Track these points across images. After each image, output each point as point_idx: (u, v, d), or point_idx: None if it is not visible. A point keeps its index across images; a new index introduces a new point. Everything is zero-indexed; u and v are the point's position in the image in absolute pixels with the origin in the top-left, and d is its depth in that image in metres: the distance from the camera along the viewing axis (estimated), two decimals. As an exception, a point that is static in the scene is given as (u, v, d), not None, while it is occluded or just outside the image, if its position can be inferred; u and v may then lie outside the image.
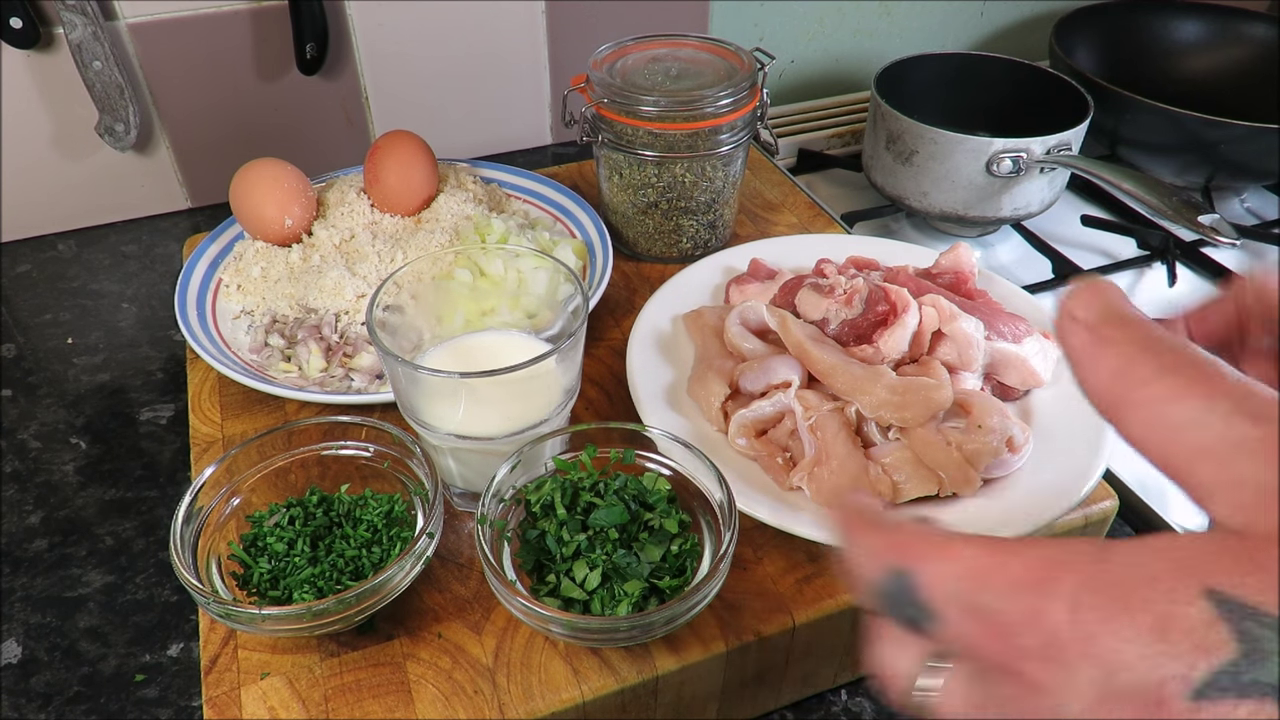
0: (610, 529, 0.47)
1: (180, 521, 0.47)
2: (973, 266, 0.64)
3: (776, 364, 0.56)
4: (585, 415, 0.62)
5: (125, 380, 0.75)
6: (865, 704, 0.55)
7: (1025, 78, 0.94)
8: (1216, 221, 0.73)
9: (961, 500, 0.52)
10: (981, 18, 1.19)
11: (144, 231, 0.92)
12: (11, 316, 0.82)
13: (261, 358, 0.67)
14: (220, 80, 0.89)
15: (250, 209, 0.72)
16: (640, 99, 0.68)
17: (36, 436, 0.70)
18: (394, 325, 0.54)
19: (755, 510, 0.50)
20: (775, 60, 0.76)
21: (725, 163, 0.73)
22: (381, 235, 0.74)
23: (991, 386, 0.59)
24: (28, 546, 0.62)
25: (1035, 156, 0.82)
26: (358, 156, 0.89)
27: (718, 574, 0.44)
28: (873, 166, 0.91)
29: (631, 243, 0.78)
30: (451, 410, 0.51)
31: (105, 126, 0.85)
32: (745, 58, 0.73)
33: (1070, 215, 0.96)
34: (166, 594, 0.59)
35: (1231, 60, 1.08)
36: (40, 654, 0.56)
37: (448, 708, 0.46)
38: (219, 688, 0.47)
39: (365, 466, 0.54)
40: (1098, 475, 0.52)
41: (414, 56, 0.94)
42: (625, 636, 0.44)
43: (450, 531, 0.55)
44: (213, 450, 0.60)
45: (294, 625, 0.44)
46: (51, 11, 0.80)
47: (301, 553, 0.49)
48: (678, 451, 0.50)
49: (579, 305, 0.54)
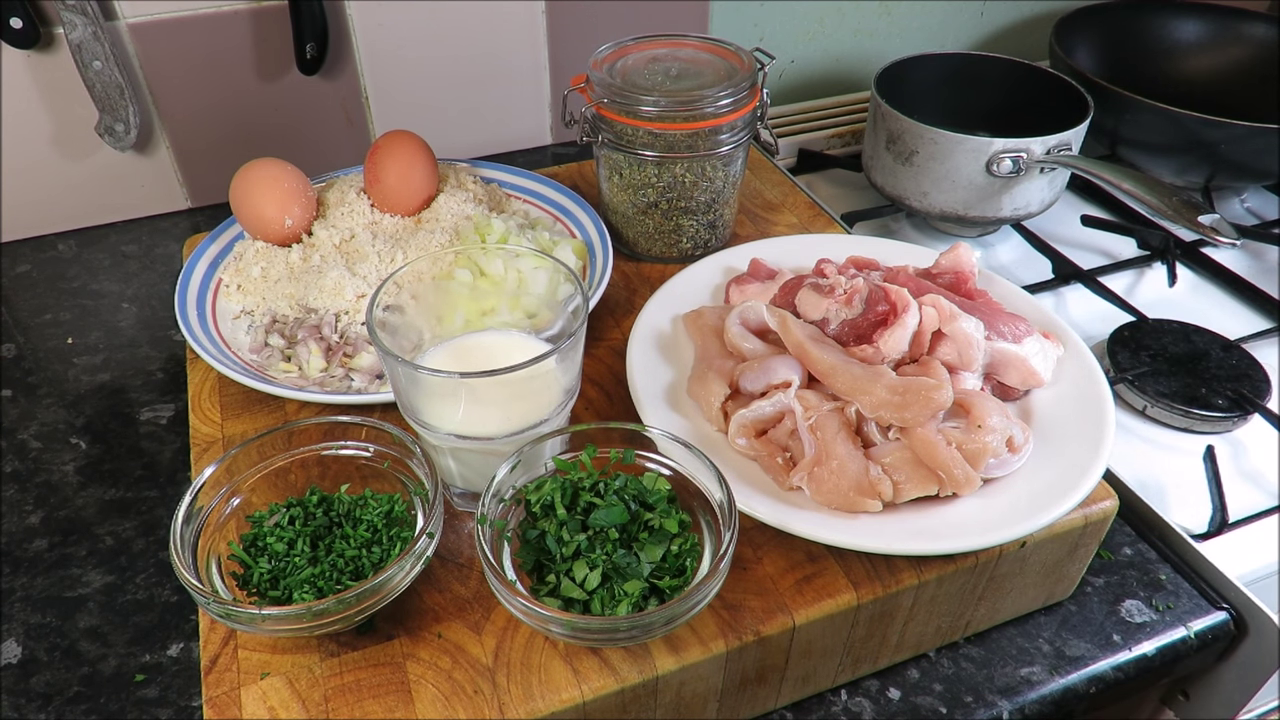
0: (610, 529, 0.47)
1: (180, 521, 0.47)
2: (973, 266, 0.64)
3: (776, 364, 0.56)
4: (585, 415, 0.62)
5: (125, 380, 0.75)
6: (865, 704, 0.55)
7: (1025, 78, 0.94)
8: (1216, 221, 0.73)
9: (961, 500, 0.52)
10: (981, 18, 1.19)
11: (144, 231, 0.92)
12: (11, 316, 0.82)
13: (261, 358, 0.67)
14: (220, 80, 0.89)
15: (250, 209, 0.72)
16: (640, 99, 0.68)
17: (36, 436, 0.70)
18: (394, 325, 0.54)
19: (755, 510, 0.50)
20: (775, 60, 0.76)
21: (725, 163, 0.73)
22: (381, 235, 0.74)
23: (991, 386, 0.59)
24: (28, 546, 0.62)
25: (1035, 156, 0.82)
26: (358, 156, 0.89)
27: (718, 574, 0.44)
28: (873, 166, 0.91)
29: (631, 243, 0.78)
30: (451, 410, 0.51)
31: (105, 126, 0.85)
32: (745, 58, 0.73)
33: (1070, 215, 0.96)
34: (166, 594, 0.59)
35: (1231, 60, 1.08)
36: (40, 654, 0.56)
37: (448, 708, 0.46)
38: (219, 688, 0.47)
39: (365, 466, 0.54)
40: (1098, 475, 0.52)
41: (414, 56, 0.94)
42: (625, 636, 0.44)
43: (450, 531, 0.55)
44: (213, 450, 0.60)
45: (294, 625, 0.44)
46: (51, 11, 0.80)
47: (301, 553, 0.49)
48: (678, 451, 0.50)
49: (579, 305, 0.54)
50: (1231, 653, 0.62)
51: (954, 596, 0.54)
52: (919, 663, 0.57)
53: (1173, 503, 0.67)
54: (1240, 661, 0.61)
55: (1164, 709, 0.70)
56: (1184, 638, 0.59)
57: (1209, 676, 0.64)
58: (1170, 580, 0.61)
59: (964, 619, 0.56)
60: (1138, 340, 0.78)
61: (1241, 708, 0.64)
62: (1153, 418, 0.74)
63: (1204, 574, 0.62)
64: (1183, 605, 0.60)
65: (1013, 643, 0.58)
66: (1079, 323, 0.84)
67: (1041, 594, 0.58)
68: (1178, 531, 0.63)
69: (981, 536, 0.50)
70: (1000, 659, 0.57)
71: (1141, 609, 0.60)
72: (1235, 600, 0.60)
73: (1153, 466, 0.70)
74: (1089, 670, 0.57)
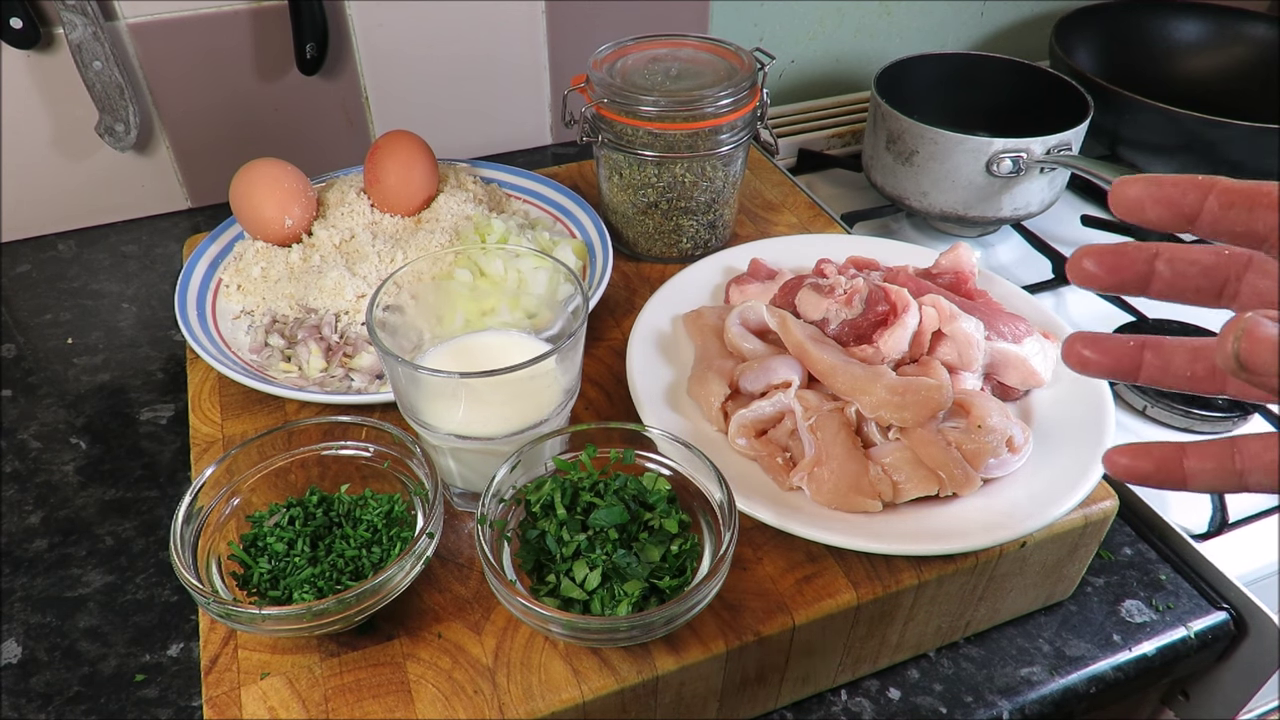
0: (610, 529, 0.47)
1: (180, 521, 0.47)
2: (973, 266, 0.64)
3: (776, 364, 0.56)
4: (585, 415, 0.62)
5: (125, 380, 0.75)
6: (865, 704, 0.55)
7: (1025, 78, 0.94)
8: (1216, 221, 0.72)
9: (961, 500, 0.52)
10: (981, 18, 1.19)
11: (144, 231, 0.92)
12: (11, 316, 0.82)
13: (261, 358, 0.67)
14: (220, 80, 0.89)
15: (250, 209, 0.72)
16: (640, 99, 0.68)
17: (36, 436, 0.70)
18: (394, 325, 0.54)
19: (755, 510, 0.50)
20: (775, 60, 0.76)
21: (725, 163, 0.73)
22: (381, 235, 0.74)
23: (991, 386, 0.59)
24: (28, 546, 0.62)
25: (1035, 156, 0.82)
26: (358, 156, 0.89)
27: (718, 574, 0.44)
28: (873, 166, 0.91)
29: (631, 243, 0.78)
30: (451, 410, 0.51)
31: (105, 126, 0.85)
32: (745, 58, 0.73)
33: (1070, 215, 0.96)
34: (166, 594, 0.59)
35: (1231, 60, 1.08)
36: (40, 654, 0.56)
37: (448, 708, 0.46)
38: (219, 688, 0.47)
39: (365, 466, 0.54)
40: (1098, 475, 0.52)
41: (414, 56, 0.94)
42: (625, 636, 0.44)
43: (450, 531, 0.55)
44: (213, 450, 0.60)
45: (294, 625, 0.44)
46: (51, 11, 0.80)
47: (301, 553, 0.49)
48: (678, 451, 0.50)
49: (579, 305, 0.54)
50: (1231, 653, 0.62)
51: (954, 596, 0.54)
52: (919, 663, 0.57)
53: (1173, 503, 0.67)
54: (1240, 661, 0.61)
55: (1164, 709, 0.70)
56: (1184, 638, 0.59)
57: (1209, 676, 0.64)
58: (1170, 580, 0.61)
59: (964, 619, 0.56)
60: (1138, 340, 0.78)
61: (1241, 708, 0.64)
62: (1153, 418, 0.74)
63: (1204, 574, 0.62)
64: (1183, 605, 0.60)
65: (1013, 643, 0.58)
66: (1079, 323, 0.84)
67: (1041, 594, 0.58)
68: (1178, 531, 0.63)
69: (981, 536, 0.50)
70: (1000, 659, 0.57)
71: (1141, 609, 0.60)
72: (1235, 600, 0.60)
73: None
74: (1089, 670, 0.57)
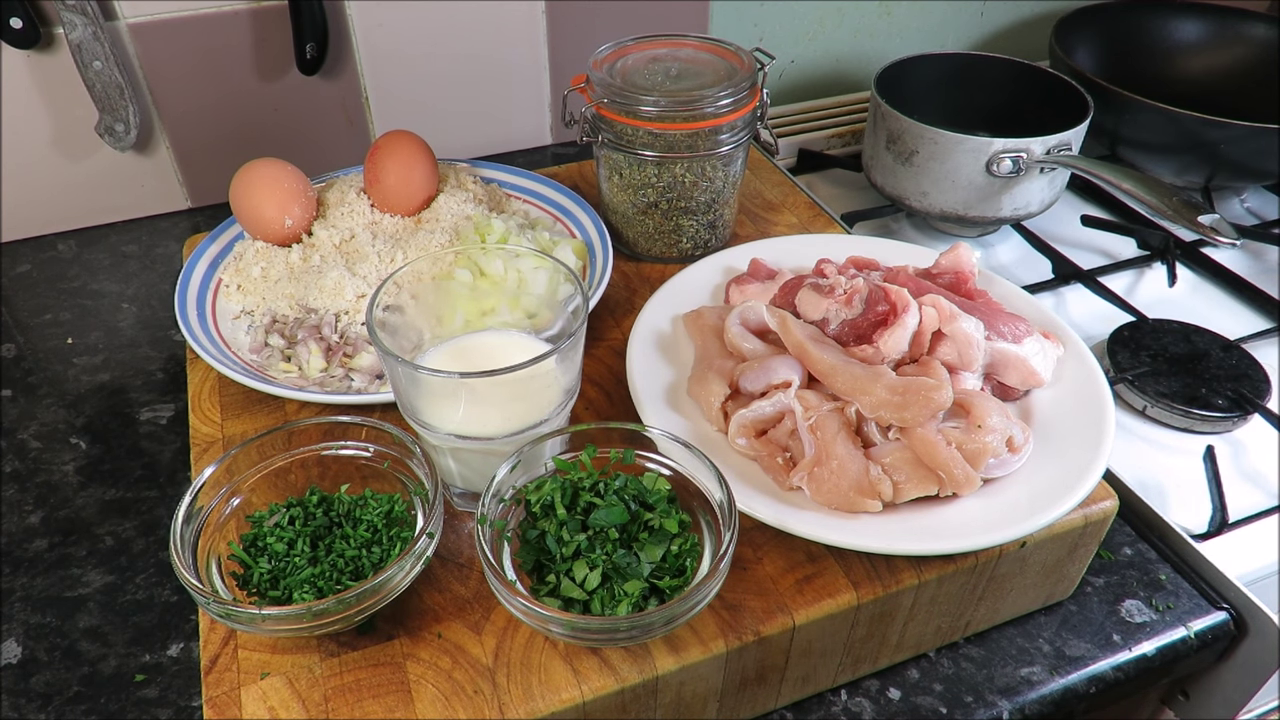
0: (610, 529, 0.47)
1: (180, 521, 0.47)
2: (973, 266, 0.64)
3: (776, 364, 0.56)
4: (585, 415, 0.62)
5: (125, 380, 0.75)
6: (865, 704, 0.55)
7: (1025, 78, 0.94)
8: (1216, 221, 0.73)
9: (961, 500, 0.52)
10: (981, 18, 1.19)
11: (144, 231, 0.92)
12: (11, 316, 0.82)
13: (261, 358, 0.67)
14: (220, 80, 0.89)
15: (250, 209, 0.72)
16: (640, 99, 0.68)
17: (36, 436, 0.70)
18: (394, 325, 0.54)
19: (755, 510, 0.50)
20: (775, 60, 0.76)
21: (725, 163, 0.73)
22: (381, 235, 0.74)
23: (991, 386, 0.59)
24: (28, 546, 0.62)
25: (1035, 156, 0.82)
26: (358, 156, 0.89)
27: (718, 574, 0.44)
28: (873, 166, 0.91)
29: (631, 243, 0.78)
30: (451, 410, 0.51)
31: (105, 126, 0.85)
32: (745, 58, 0.73)
33: (1070, 215, 0.96)
34: (166, 594, 0.59)
35: (1231, 60, 1.08)
36: (40, 654, 0.56)
37: (448, 708, 0.46)
38: (219, 688, 0.47)
39: (365, 466, 0.54)
40: (1098, 475, 0.52)
41: (414, 56, 0.94)
42: (625, 636, 0.44)
43: (450, 531, 0.55)
44: (213, 450, 0.60)
45: (294, 625, 0.44)
46: (51, 11, 0.80)
47: (301, 553, 0.49)
48: (678, 451, 0.50)
49: (579, 305, 0.54)
50: (1231, 653, 0.62)
51: (954, 596, 0.54)
52: (919, 663, 0.57)
53: (1173, 503, 0.67)
54: (1240, 661, 0.61)
55: (1164, 709, 0.70)
56: (1184, 638, 0.59)
57: (1209, 676, 0.65)
58: (1170, 580, 0.61)
59: (964, 619, 0.56)
60: (1138, 340, 0.78)
61: (1241, 708, 0.64)
62: (1153, 418, 0.74)
63: (1204, 574, 0.62)
64: (1183, 605, 0.60)
65: (1013, 643, 0.58)
66: (1079, 323, 0.84)
67: (1041, 594, 0.58)
68: (1178, 531, 0.63)
69: (981, 536, 0.50)
70: (1000, 659, 0.57)
71: (1141, 609, 0.60)
72: (1235, 600, 0.60)
73: (1153, 466, 0.70)
74: (1089, 670, 0.57)
